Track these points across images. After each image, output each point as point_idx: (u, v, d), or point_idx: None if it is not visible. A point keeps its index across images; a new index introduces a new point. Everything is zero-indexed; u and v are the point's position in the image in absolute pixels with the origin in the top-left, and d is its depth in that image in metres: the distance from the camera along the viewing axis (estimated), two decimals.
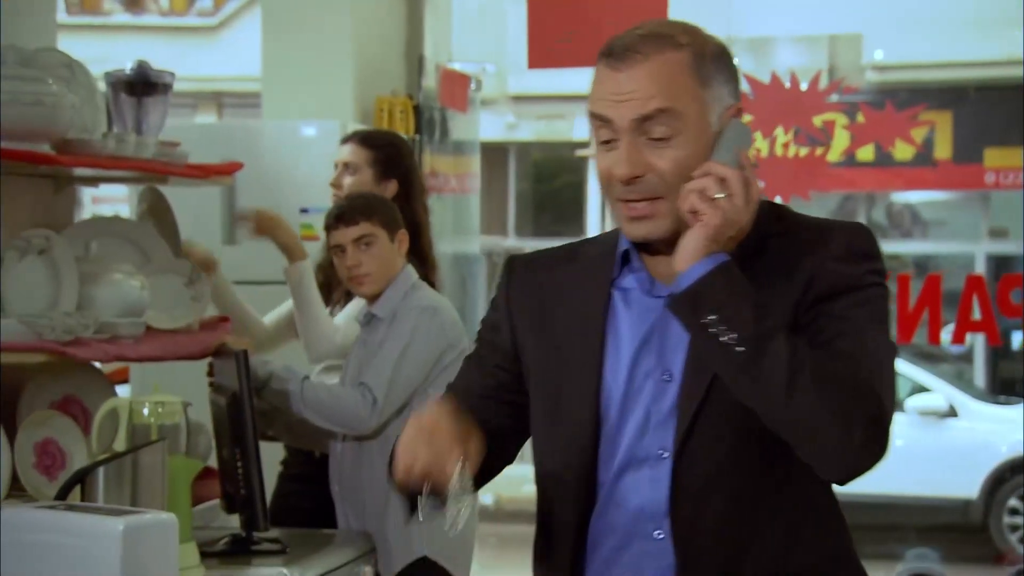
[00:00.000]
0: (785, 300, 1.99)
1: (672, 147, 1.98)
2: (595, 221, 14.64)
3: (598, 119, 2.02)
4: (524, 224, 15.01)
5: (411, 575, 3.59)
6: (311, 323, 3.91)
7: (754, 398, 1.92)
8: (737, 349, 1.88)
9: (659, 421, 2.03)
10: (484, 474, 2.14)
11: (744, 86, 5.65)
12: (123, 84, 3.64)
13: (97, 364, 4.02)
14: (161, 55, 14.11)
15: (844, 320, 1.98)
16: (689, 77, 1.99)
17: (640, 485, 2.05)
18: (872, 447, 1.91)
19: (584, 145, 14.48)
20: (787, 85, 5.57)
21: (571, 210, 14.92)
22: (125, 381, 4.83)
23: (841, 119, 5.76)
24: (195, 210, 4.82)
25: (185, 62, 13.78)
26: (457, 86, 5.94)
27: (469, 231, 6.61)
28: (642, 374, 2.05)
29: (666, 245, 2.00)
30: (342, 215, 3.72)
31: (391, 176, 4.10)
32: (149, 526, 2.72)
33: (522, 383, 2.17)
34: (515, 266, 2.24)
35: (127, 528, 2.67)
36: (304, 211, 4.96)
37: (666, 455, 2.03)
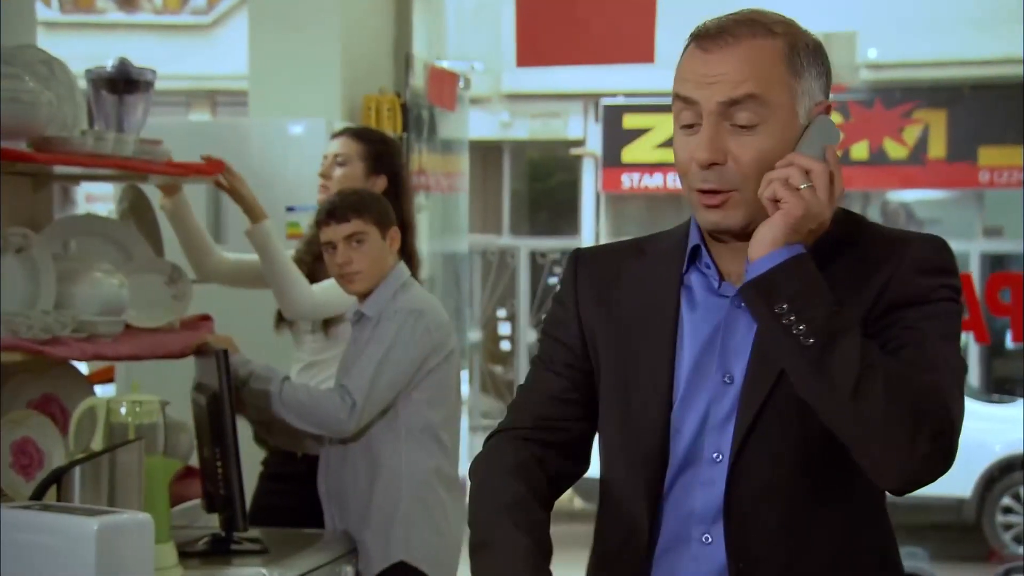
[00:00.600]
0: (859, 305, 1.95)
1: (756, 135, 1.93)
2: (589, 220, 14.63)
3: (682, 100, 1.96)
4: (518, 222, 14.99)
5: None
6: (282, 279, 3.88)
7: (817, 395, 1.87)
8: (807, 342, 1.84)
9: (716, 424, 2.00)
10: (562, 481, 2.13)
11: None
12: (104, 81, 3.63)
13: (81, 363, 4.01)
14: (155, 53, 14.14)
15: (916, 331, 1.94)
16: (782, 66, 1.94)
17: (692, 488, 2.01)
18: (936, 459, 1.86)
19: (579, 143, 14.47)
20: None
21: (566, 208, 14.91)
22: (111, 380, 4.80)
23: (834, 117, 5.73)
24: None
25: (179, 60, 13.77)
26: (445, 84, 5.93)
27: (458, 229, 6.59)
28: (703, 376, 2.01)
29: (737, 238, 1.97)
30: (334, 211, 3.68)
31: (381, 172, 4.09)
32: (124, 526, 2.71)
33: (593, 380, 2.12)
34: (581, 258, 2.17)
35: (101, 528, 2.66)
36: (290, 209, 4.94)
37: (721, 459, 1.99)
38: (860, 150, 11.43)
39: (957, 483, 10.34)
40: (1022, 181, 12.71)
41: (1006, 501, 10.14)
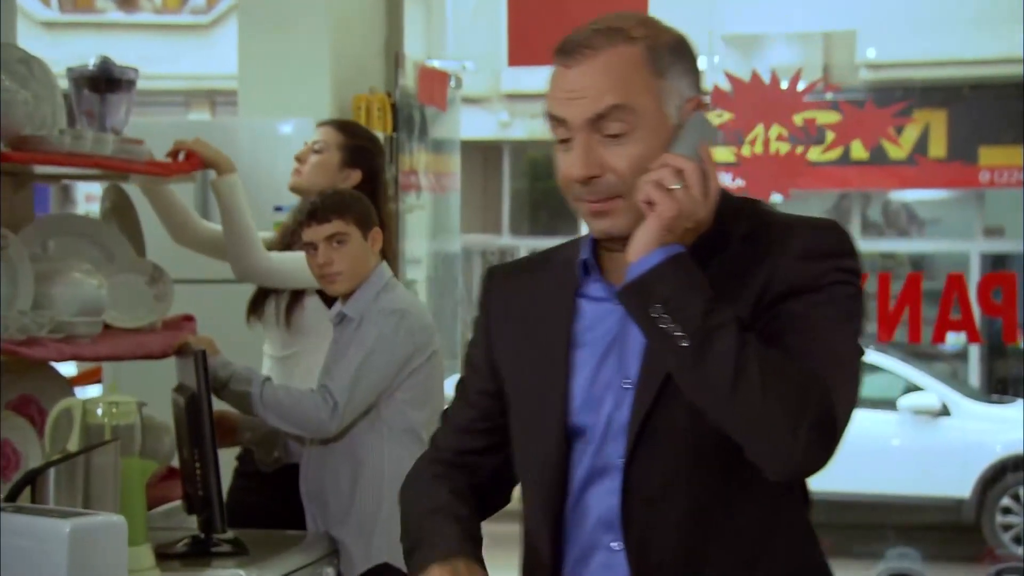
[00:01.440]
0: (744, 300, 1.93)
1: (628, 144, 1.93)
2: None
3: (553, 119, 1.97)
4: (518, 222, 14.97)
5: None
6: (241, 237, 3.85)
7: (700, 394, 1.87)
8: (683, 343, 1.84)
9: (619, 429, 1.99)
10: (485, 511, 2.15)
11: (724, 84, 5.62)
12: (86, 80, 3.61)
13: (67, 364, 4.00)
14: (154, 53, 14.10)
15: (803, 319, 1.91)
16: (644, 70, 1.93)
17: (602, 495, 2.01)
18: (817, 449, 1.85)
19: None
20: (767, 82, 5.53)
21: (565, 209, 14.81)
22: (98, 381, 4.79)
23: (824, 117, 5.72)
24: None
25: (178, 60, 13.78)
26: (436, 84, 5.91)
27: (450, 230, 6.56)
28: (604, 382, 2.01)
29: (626, 244, 1.95)
30: (315, 212, 3.65)
31: (356, 166, 4.05)
32: (97, 528, 2.68)
33: (505, 405, 2.13)
34: (493, 277, 2.19)
35: (74, 530, 2.63)
36: (278, 209, 4.92)
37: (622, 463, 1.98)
38: (858, 150, 11.37)
39: (956, 484, 10.32)
40: (1022, 181, 12.67)
41: (1005, 502, 10.11)
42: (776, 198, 5.63)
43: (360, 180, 4.05)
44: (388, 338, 3.58)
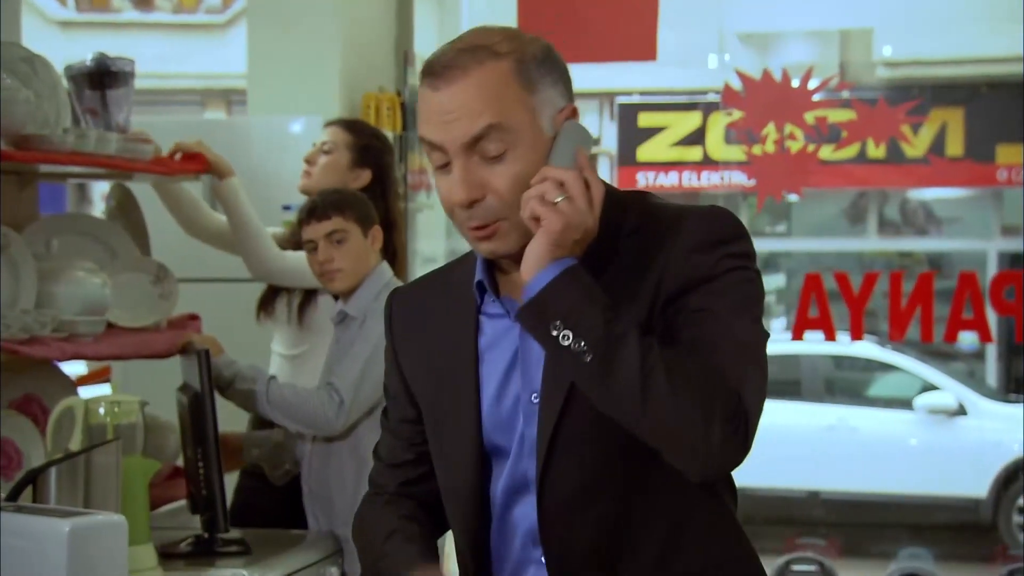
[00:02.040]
0: (640, 301, 1.90)
1: (507, 162, 1.89)
2: None
3: (428, 144, 1.93)
4: None
5: None
6: (250, 236, 3.87)
7: (611, 407, 1.85)
8: (587, 358, 1.81)
9: (531, 444, 1.98)
10: (437, 530, 2.16)
11: (735, 82, 5.59)
12: (84, 77, 3.60)
13: (77, 363, 3.99)
14: (170, 52, 14.06)
15: (700, 312, 1.89)
16: (514, 85, 1.88)
17: (525, 510, 2.00)
18: (732, 445, 1.83)
19: (595, 143, 14.42)
20: (779, 80, 5.50)
21: None
22: (107, 380, 4.78)
23: (836, 115, 5.69)
24: None
25: (194, 59, 13.78)
26: None
27: (446, 229, 6.53)
28: (512, 398, 1.99)
29: (517, 263, 1.92)
30: (314, 210, 3.65)
31: (366, 165, 4.05)
32: (97, 527, 2.67)
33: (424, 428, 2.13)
34: (393, 302, 2.16)
35: (74, 530, 2.62)
36: (287, 208, 4.90)
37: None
38: (875, 148, 11.37)
39: (973, 483, 10.28)
40: None
41: (1022, 502, 10.06)
42: (791, 197, 5.61)
43: (370, 179, 4.05)
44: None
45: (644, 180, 13.93)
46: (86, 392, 3.45)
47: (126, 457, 2.99)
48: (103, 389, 4.93)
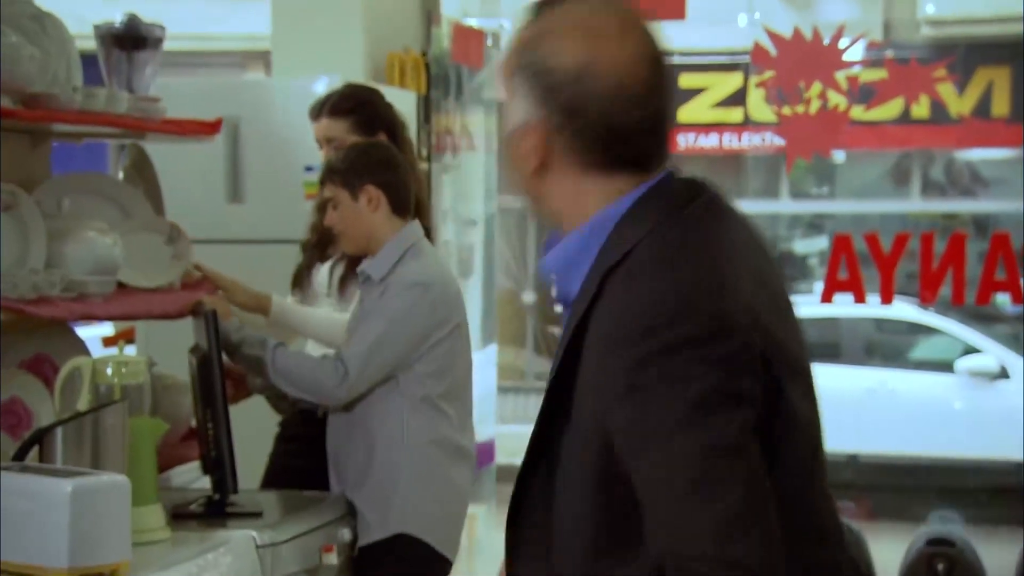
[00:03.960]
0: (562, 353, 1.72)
1: None
2: None
3: None
4: None
5: (389, 546, 3.52)
6: (323, 332, 3.83)
7: None
8: None
9: None
10: None
11: (765, 41, 5.52)
12: (112, 38, 3.59)
13: (102, 324, 3.98)
14: (211, 14, 14.03)
15: (642, 480, 1.57)
16: None
17: None
18: None
19: None
20: (809, 39, 5.42)
21: None
22: (132, 341, 4.78)
23: (868, 74, 5.61)
24: (198, 167, 4.77)
25: (234, 20, 13.76)
26: (472, 42, 5.84)
27: (481, 191, 6.50)
28: None
29: None
30: (320, 179, 3.74)
31: (376, 131, 4.00)
32: (100, 488, 2.68)
33: None
34: None
35: (76, 489, 2.63)
36: (309, 169, 4.88)
37: None
38: (920, 108, 11.24)
39: (1015, 446, 10.19)
40: None
41: None
42: (838, 156, 5.54)
43: (387, 138, 4.01)
44: (410, 310, 3.53)
45: (684, 142, 13.83)
46: (112, 353, 3.43)
47: (133, 418, 2.98)
48: (129, 350, 4.93)
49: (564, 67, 1.76)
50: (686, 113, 13.72)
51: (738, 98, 12.97)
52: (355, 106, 4.01)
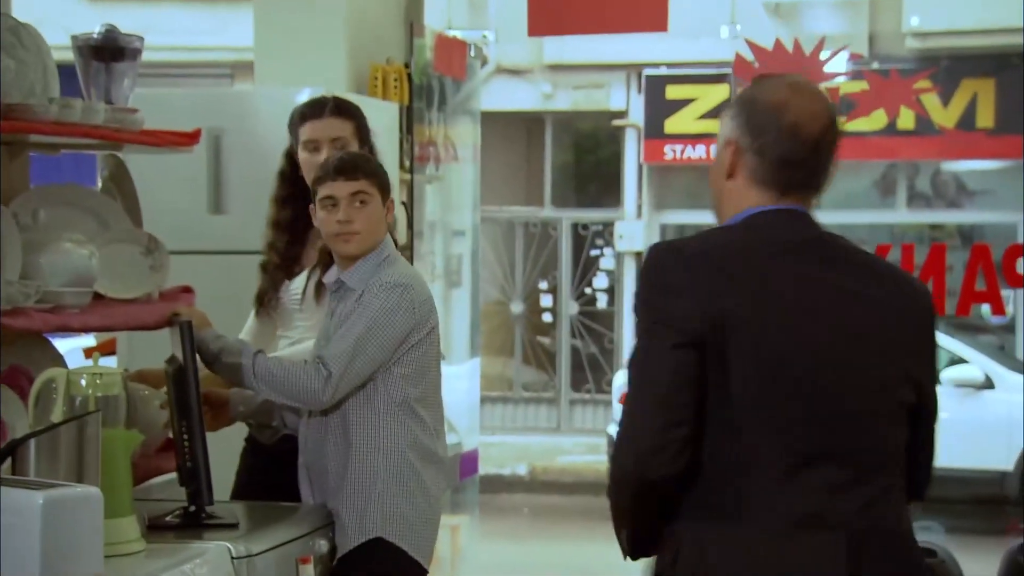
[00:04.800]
0: None
1: None
2: (632, 191, 14.52)
3: None
4: (561, 194, 14.90)
5: (366, 554, 3.51)
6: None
7: None
8: None
9: None
10: None
11: (747, 53, 5.53)
12: (91, 49, 3.59)
13: (85, 336, 3.97)
14: (200, 25, 14.03)
15: None
16: None
17: None
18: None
19: (621, 115, 14.36)
20: (790, 51, 5.43)
21: (609, 180, 14.79)
22: (113, 353, 4.78)
23: (848, 86, 5.62)
24: (181, 178, 4.77)
25: (223, 31, 13.76)
26: (455, 53, 5.85)
27: (468, 202, 6.51)
28: None
29: None
30: (343, 168, 3.57)
31: (366, 142, 4.01)
32: (72, 500, 2.66)
33: None
34: None
35: (47, 502, 2.61)
36: None
37: None
38: (905, 120, 11.28)
39: (999, 456, 10.21)
40: None
41: None
42: None
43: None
44: (390, 312, 3.53)
45: (671, 153, 13.87)
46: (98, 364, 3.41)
47: (107, 429, 2.97)
48: (108, 361, 4.93)
49: (765, 100, 2.51)
50: (674, 124, 13.75)
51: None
52: (357, 111, 4.01)
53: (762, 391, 2.39)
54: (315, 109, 3.99)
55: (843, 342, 2.46)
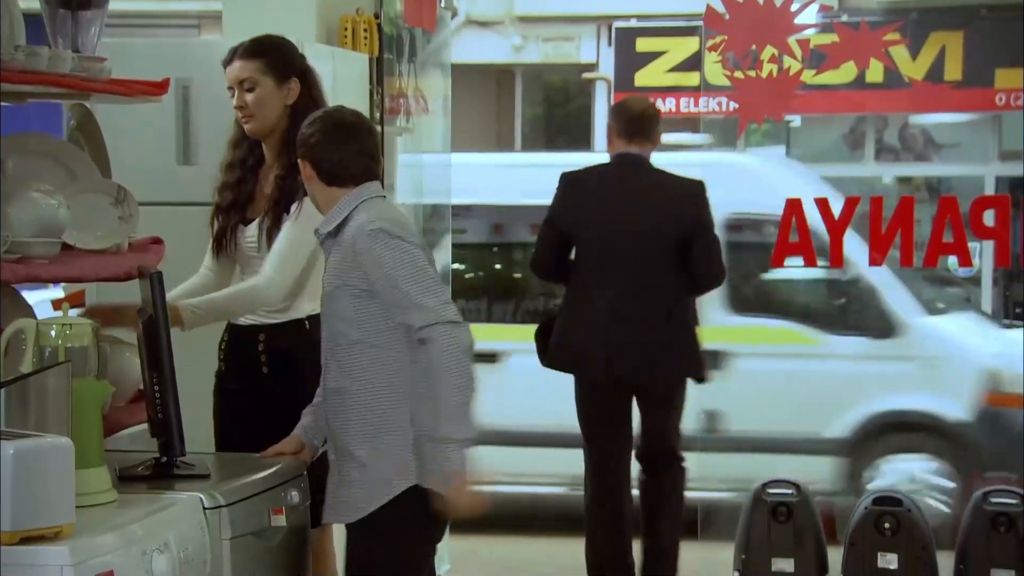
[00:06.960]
0: None
1: None
2: (602, 145, 14.48)
3: None
4: (531, 147, 14.87)
5: (404, 503, 3.47)
6: (243, 308, 3.95)
7: None
8: None
9: None
10: None
11: (719, 5, 5.52)
12: None
13: (36, 287, 3.95)
14: None
15: None
16: None
17: None
18: None
19: (591, 67, 14.31)
20: (762, 3, 5.42)
21: (579, 133, 14.77)
22: (81, 305, 4.74)
23: (819, 39, 5.63)
24: (149, 128, 4.73)
25: None
26: (424, 4, 5.82)
27: (439, 153, 6.48)
28: None
29: None
30: (229, 57, 4.03)
31: (290, 75, 4.00)
32: (42, 450, 2.68)
33: None
34: None
35: (17, 452, 2.63)
36: None
37: None
38: (874, 73, 11.27)
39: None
40: None
41: None
42: (795, 121, 5.57)
43: (299, 85, 4.00)
44: (395, 256, 3.41)
45: None
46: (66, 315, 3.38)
47: (77, 380, 2.97)
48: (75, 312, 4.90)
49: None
50: (644, 77, 13.71)
51: (695, 62, 12.95)
52: (266, 49, 4.03)
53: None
54: (229, 55, 4.11)
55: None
